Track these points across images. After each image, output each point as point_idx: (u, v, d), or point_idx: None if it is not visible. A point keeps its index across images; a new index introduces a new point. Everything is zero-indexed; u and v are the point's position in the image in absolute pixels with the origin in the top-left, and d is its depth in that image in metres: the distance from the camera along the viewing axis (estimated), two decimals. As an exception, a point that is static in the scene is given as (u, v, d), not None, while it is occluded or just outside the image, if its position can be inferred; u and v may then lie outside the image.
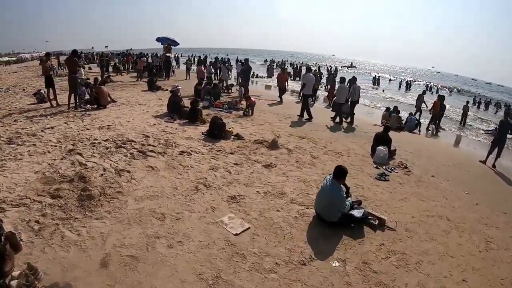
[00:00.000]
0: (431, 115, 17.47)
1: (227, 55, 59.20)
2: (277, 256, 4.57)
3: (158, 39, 27.61)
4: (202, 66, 21.45)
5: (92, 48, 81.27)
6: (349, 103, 14.76)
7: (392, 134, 13.62)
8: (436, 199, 7.26)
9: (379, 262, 4.78)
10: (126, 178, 6.31)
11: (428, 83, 59.03)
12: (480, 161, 11.70)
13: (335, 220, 5.41)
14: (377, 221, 5.69)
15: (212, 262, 4.28)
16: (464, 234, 5.93)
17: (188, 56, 51.15)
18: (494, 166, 11.33)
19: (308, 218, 5.69)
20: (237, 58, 38.15)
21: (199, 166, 7.31)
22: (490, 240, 5.85)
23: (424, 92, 19.75)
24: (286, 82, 18.61)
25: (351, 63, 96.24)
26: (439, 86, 56.98)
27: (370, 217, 5.73)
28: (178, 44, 28.61)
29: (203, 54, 49.87)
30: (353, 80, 15.44)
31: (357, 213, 5.54)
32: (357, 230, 5.49)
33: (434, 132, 17.11)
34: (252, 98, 13.92)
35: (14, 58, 51.72)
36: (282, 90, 17.82)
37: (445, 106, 17.99)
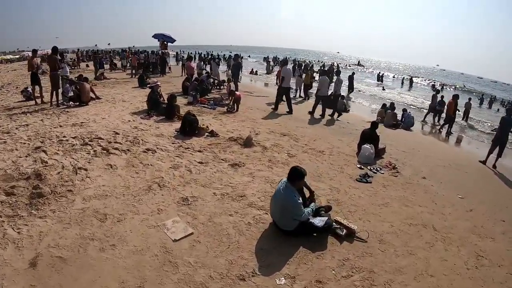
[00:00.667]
0: (445, 115, 16.41)
1: (230, 52, 58.61)
2: (214, 268, 4.02)
3: (155, 36, 27.27)
4: (192, 62, 20.74)
5: (96, 45, 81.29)
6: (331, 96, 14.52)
7: (386, 131, 12.95)
8: (424, 205, 6.42)
9: (337, 282, 3.98)
10: (81, 176, 6.02)
11: (433, 81, 58.74)
12: (480, 161, 10.82)
13: (291, 229, 4.65)
14: (344, 230, 4.85)
15: (140, 270, 3.88)
16: (451, 247, 5.08)
17: (188, 53, 50.90)
18: (494, 166, 10.45)
19: (264, 225, 5.01)
20: (239, 54, 38.03)
21: (160, 165, 6.91)
22: (482, 254, 4.99)
23: (437, 92, 18.77)
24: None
25: (359, 61, 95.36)
26: (444, 84, 56.17)
27: (337, 226, 4.90)
28: (175, 40, 28.28)
29: (206, 52, 49.38)
30: (337, 73, 14.79)
31: (318, 221, 4.73)
32: (319, 241, 4.71)
33: (445, 135, 15.80)
34: (237, 93, 13.29)
35: (17, 56, 51.77)
36: None
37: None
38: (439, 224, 5.69)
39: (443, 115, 16.96)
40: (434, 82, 56.53)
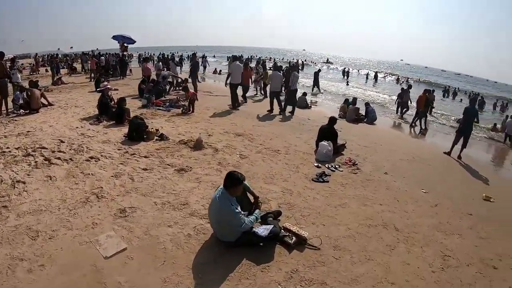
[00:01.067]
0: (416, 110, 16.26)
1: (196, 52, 57.89)
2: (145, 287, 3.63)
3: (114, 37, 26.41)
4: (149, 63, 20.09)
5: (59, 49, 78.90)
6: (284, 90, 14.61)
7: (348, 126, 12.90)
8: (385, 203, 6.10)
9: (282, 297, 3.54)
10: (19, 190, 5.62)
11: (398, 76, 60.36)
12: (445, 153, 10.77)
13: (233, 240, 4.20)
14: (294, 238, 4.40)
15: (66, 292, 3.51)
16: (414, 247, 4.74)
17: (150, 54, 50.18)
18: (459, 157, 10.41)
19: (205, 235, 4.57)
20: (204, 55, 38.06)
21: (101, 174, 6.45)
22: (449, 253, 4.68)
23: (410, 87, 18.75)
24: (250, 79, 17.33)
25: (327, 59, 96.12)
26: (408, 77, 57.56)
27: (285, 234, 4.46)
28: (135, 42, 27.53)
29: (170, 53, 48.95)
30: (293, 68, 14.55)
31: (262, 230, 4.27)
32: (265, 251, 4.26)
33: (421, 131, 15.50)
34: (190, 91, 12.88)
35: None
36: (246, 88, 16.48)
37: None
38: (401, 223, 5.37)
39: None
40: (399, 76, 57.77)
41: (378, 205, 5.92)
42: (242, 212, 4.24)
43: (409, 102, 18.09)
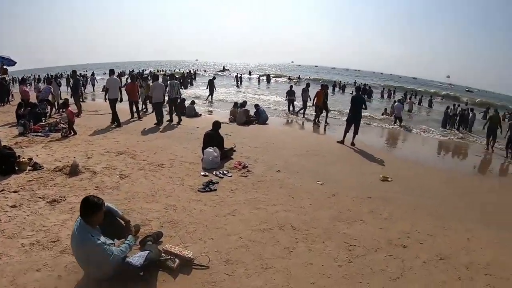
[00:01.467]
0: (314, 106, 16.77)
1: (86, 70, 55.33)
2: None
3: None
4: (27, 86, 18.44)
5: None
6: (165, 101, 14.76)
7: (238, 129, 12.93)
8: (279, 202, 5.91)
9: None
10: None
11: (289, 76, 63.90)
12: (338, 142, 11.22)
13: (105, 276, 3.62)
14: (177, 261, 3.90)
15: None
16: (315, 244, 4.55)
17: (35, 75, 46.88)
18: (353, 144, 10.95)
19: (78, 274, 3.89)
20: (93, 72, 36.48)
21: None
22: (354, 242, 4.62)
23: (308, 85, 19.37)
24: (138, 94, 16.54)
25: (223, 66, 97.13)
26: (299, 76, 61.57)
27: (166, 257, 3.94)
28: (15, 63, 24.90)
29: (58, 73, 46.15)
30: (171, 76, 15.51)
31: (137, 259, 3.67)
32: (146, 282, 3.72)
33: (314, 124, 16.25)
34: (69, 109, 11.92)
35: None
36: (136, 103, 15.86)
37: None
38: (298, 221, 5.20)
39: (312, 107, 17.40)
40: (290, 77, 60.67)
41: (272, 206, 5.71)
42: (108, 242, 3.63)
43: (308, 100, 18.57)
